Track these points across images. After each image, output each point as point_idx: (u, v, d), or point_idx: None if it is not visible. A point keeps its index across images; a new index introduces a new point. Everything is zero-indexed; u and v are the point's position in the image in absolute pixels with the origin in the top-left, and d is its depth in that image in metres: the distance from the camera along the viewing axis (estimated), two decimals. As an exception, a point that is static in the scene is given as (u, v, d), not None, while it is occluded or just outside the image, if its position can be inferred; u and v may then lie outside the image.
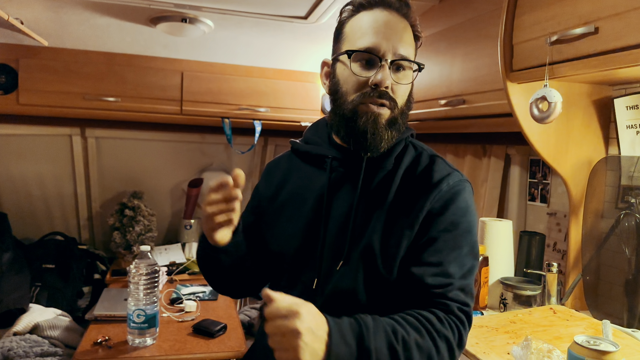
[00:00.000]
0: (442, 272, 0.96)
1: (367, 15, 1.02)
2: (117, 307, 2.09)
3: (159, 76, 2.56)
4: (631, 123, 1.48)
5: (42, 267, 2.62)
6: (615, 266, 1.50)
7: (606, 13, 1.11)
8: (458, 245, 0.99)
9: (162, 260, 2.89)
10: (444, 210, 0.99)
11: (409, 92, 1.05)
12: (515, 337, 1.30)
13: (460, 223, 1.00)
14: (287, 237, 1.10)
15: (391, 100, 1.00)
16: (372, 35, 0.99)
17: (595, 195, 1.58)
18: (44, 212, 3.01)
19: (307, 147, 1.15)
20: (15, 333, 2.06)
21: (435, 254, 0.97)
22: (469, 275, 0.99)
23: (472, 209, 1.03)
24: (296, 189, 1.13)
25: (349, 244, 1.02)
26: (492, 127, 1.91)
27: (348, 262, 1.01)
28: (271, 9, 1.89)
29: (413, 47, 1.04)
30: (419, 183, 1.02)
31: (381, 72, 0.98)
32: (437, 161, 1.06)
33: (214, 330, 1.96)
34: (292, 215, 1.11)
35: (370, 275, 1.00)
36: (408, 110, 1.06)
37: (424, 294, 0.96)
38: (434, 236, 0.98)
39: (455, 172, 1.04)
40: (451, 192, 1.01)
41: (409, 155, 1.08)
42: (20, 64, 2.37)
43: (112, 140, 3.01)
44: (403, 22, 1.02)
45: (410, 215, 0.99)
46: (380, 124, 1.00)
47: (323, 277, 1.04)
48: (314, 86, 2.82)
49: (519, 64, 1.39)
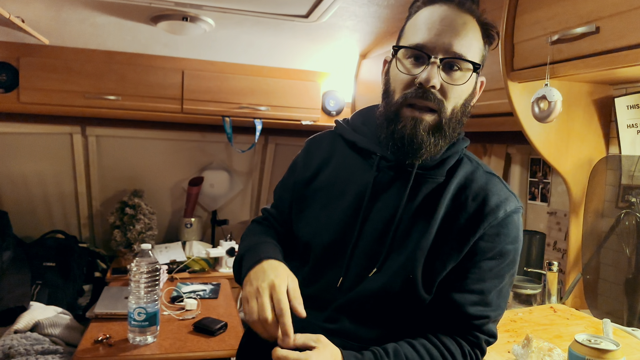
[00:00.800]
0: (483, 301, 0.94)
1: (427, 11, 0.94)
2: (117, 306, 2.10)
3: (160, 75, 2.56)
4: (632, 122, 1.48)
5: (43, 266, 2.63)
6: (616, 265, 1.51)
7: (607, 12, 1.11)
8: (502, 275, 0.95)
9: (163, 258, 2.90)
10: (495, 238, 0.94)
11: (465, 96, 0.95)
12: (516, 335, 1.30)
13: (508, 252, 0.95)
14: (318, 227, 1.04)
15: (437, 102, 0.91)
16: (425, 31, 0.92)
17: (596, 194, 1.58)
18: (44, 211, 3.02)
19: (355, 136, 1.06)
20: (16, 331, 2.07)
21: (478, 282, 0.94)
22: (505, 304, 0.98)
23: (521, 237, 0.98)
24: (335, 178, 1.06)
25: (386, 252, 0.96)
26: (493, 126, 1.91)
27: (380, 271, 0.96)
28: (272, 8, 1.89)
29: (477, 46, 0.94)
30: (473, 204, 0.95)
31: (428, 70, 0.89)
32: (494, 181, 0.98)
33: (215, 328, 1.96)
34: (327, 205, 1.04)
35: (405, 291, 0.95)
36: (462, 116, 0.97)
37: (461, 321, 0.94)
38: (479, 264, 0.94)
39: (512, 197, 0.97)
40: (506, 220, 0.94)
41: (463, 170, 1.00)
42: (21, 62, 2.37)
43: (113, 139, 3.01)
44: (464, 18, 0.93)
45: (460, 238, 0.93)
46: (422, 130, 0.91)
47: (350, 279, 0.99)
48: (315, 85, 2.82)
49: (519, 63, 1.39)
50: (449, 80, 0.91)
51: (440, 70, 0.90)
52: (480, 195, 0.95)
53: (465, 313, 0.93)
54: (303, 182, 1.10)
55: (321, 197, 1.06)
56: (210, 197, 3.36)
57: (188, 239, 3.18)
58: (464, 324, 0.95)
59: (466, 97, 0.95)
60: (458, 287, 0.94)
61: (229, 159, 3.37)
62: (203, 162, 3.32)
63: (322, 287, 1.01)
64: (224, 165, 3.36)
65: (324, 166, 1.09)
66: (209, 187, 3.32)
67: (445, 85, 0.91)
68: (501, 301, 0.97)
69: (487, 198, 0.95)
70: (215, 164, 3.34)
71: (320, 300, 1.00)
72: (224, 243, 2.98)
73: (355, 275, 0.98)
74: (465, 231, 0.94)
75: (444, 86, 0.91)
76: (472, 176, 0.99)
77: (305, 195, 1.09)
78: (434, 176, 0.98)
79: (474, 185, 0.97)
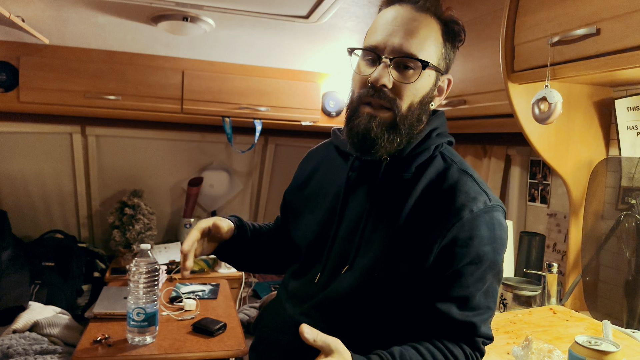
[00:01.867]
0: (469, 306, 0.93)
1: (384, 13, 0.98)
2: (116, 306, 2.09)
3: (160, 75, 2.56)
4: (632, 124, 1.49)
5: (42, 265, 2.63)
6: (615, 267, 1.51)
7: (608, 15, 1.11)
8: (483, 278, 0.94)
9: (162, 258, 2.89)
10: (469, 242, 0.91)
11: (422, 94, 0.96)
12: (516, 337, 1.30)
13: (486, 254, 0.92)
14: (305, 229, 1.11)
15: (389, 100, 0.93)
16: (378, 33, 0.95)
17: (596, 196, 1.58)
18: (43, 210, 3.01)
19: (339, 140, 1.12)
20: (15, 331, 2.06)
21: (461, 288, 0.92)
22: (494, 304, 0.97)
23: (498, 236, 0.94)
24: (322, 182, 1.13)
25: (355, 250, 0.99)
26: (493, 128, 1.92)
27: (352, 268, 0.99)
28: (272, 9, 1.89)
29: (431, 44, 0.95)
30: (440, 203, 0.94)
31: (378, 69, 0.93)
32: (464, 180, 0.96)
33: (214, 329, 1.96)
34: (314, 209, 1.11)
35: (372, 291, 0.96)
36: (421, 113, 0.98)
37: (451, 328, 0.94)
38: (459, 270, 0.92)
39: (482, 196, 0.94)
40: (476, 222, 0.92)
41: (434, 167, 0.99)
42: (21, 61, 2.36)
43: (113, 139, 3.01)
44: (420, 17, 0.94)
45: (424, 238, 0.92)
46: (374, 126, 0.93)
47: (326, 275, 1.03)
48: (315, 85, 2.82)
49: (520, 64, 1.40)
50: (401, 79, 0.94)
51: (392, 70, 0.93)
52: (448, 193, 0.94)
53: (453, 320, 0.93)
54: (295, 189, 1.20)
55: (310, 201, 1.13)
56: (210, 198, 3.36)
57: (187, 239, 3.17)
58: (454, 330, 0.94)
59: (423, 95, 0.97)
60: (441, 295, 0.93)
61: (229, 160, 3.37)
62: (203, 162, 3.31)
63: (304, 282, 1.08)
64: (223, 165, 3.36)
65: (315, 173, 1.17)
66: (208, 188, 3.32)
67: (397, 84, 0.94)
68: (489, 302, 0.96)
69: (454, 197, 0.93)
70: (215, 164, 3.34)
71: (302, 295, 1.07)
72: (224, 243, 2.98)
73: (330, 273, 1.03)
74: (429, 231, 0.92)
75: (396, 85, 0.94)
76: (443, 174, 0.98)
77: (297, 202, 1.18)
78: (401, 172, 0.99)
79: (444, 183, 0.96)
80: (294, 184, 1.22)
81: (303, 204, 1.15)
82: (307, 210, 1.13)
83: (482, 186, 0.97)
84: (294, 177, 1.24)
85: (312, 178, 1.16)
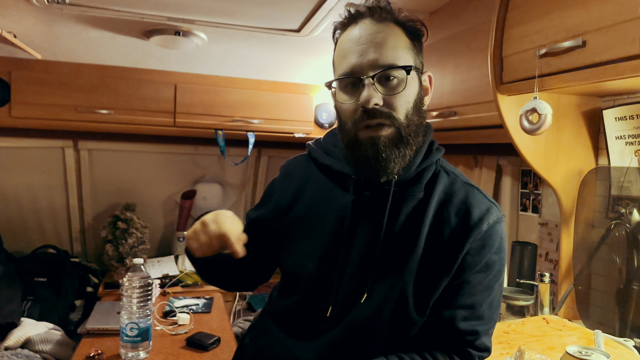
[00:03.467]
0: (474, 315, 0.94)
1: (345, 36, 0.96)
2: (109, 321, 2.08)
3: (152, 88, 2.57)
4: (620, 134, 1.50)
5: (34, 281, 2.60)
6: (607, 275, 1.51)
7: (593, 27, 1.13)
8: (491, 287, 0.95)
9: (155, 272, 2.88)
10: (480, 250, 0.93)
11: (414, 98, 0.94)
12: (509, 347, 1.30)
13: (494, 263, 0.95)
14: (302, 257, 1.02)
15: (387, 117, 0.91)
16: (348, 57, 0.93)
17: (586, 205, 1.59)
18: (36, 225, 2.99)
19: (328, 160, 1.05)
20: (7, 348, 2.04)
21: (468, 296, 0.93)
22: (496, 316, 0.98)
23: (504, 246, 0.98)
24: (313, 204, 1.04)
25: (371, 278, 0.94)
26: (483, 139, 1.93)
27: (370, 296, 0.95)
28: (264, 23, 1.90)
29: (403, 47, 0.94)
30: (456, 219, 0.94)
31: (364, 91, 0.90)
32: (473, 193, 0.98)
33: (208, 343, 1.95)
34: (309, 235, 1.02)
35: (397, 315, 0.94)
36: (419, 117, 0.96)
37: (453, 337, 0.94)
38: (467, 278, 0.93)
39: (493, 207, 0.97)
40: (489, 232, 0.94)
41: (441, 184, 0.99)
42: (13, 76, 2.36)
43: (105, 153, 3.00)
44: (382, 27, 0.93)
45: (448, 255, 0.93)
46: (382, 146, 0.91)
47: (339, 307, 0.97)
48: (307, 98, 2.84)
49: (508, 76, 1.41)
50: (389, 92, 0.91)
51: (377, 86, 0.90)
52: (462, 209, 0.95)
53: (456, 329, 0.93)
54: (280, 211, 1.08)
55: (301, 226, 1.04)
56: (203, 210, 3.33)
57: (181, 252, 3.16)
58: (456, 340, 0.94)
59: (415, 99, 0.95)
60: (448, 303, 0.94)
61: (222, 172, 3.37)
62: (196, 175, 3.31)
63: (312, 317, 1.00)
64: (217, 178, 3.36)
65: (300, 193, 1.07)
66: (202, 200, 3.31)
67: (387, 98, 0.91)
68: (493, 313, 0.97)
69: (470, 212, 0.94)
70: (208, 177, 3.33)
71: (311, 330, 1.00)
72: (217, 256, 2.97)
73: (343, 304, 0.97)
74: (451, 247, 0.93)
75: (386, 99, 0.91)
76: (451, 190, 0.98)
77: (284, 224, 1.07)
78: (412, 193, 0.97)
79: (454, 199, 0.96)
80: (275, 207, 1.10)
81: (291, 228, 1.06)
82: (296, 236, 1.04)
83: (488, 197, 0.99)
84: (273, 198, 1.13)
85: (299, 199, 1.07)
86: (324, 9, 1.72)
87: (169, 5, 1.74)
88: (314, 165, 1.09)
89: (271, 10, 1.76)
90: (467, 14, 1.72)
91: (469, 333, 0.94)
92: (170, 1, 1.69)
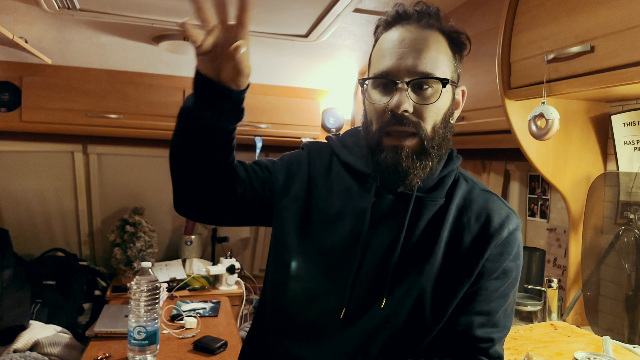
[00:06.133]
0: (490, 322, 0.93)
1: (387, 36, 0.93)
2: (117, 324, 2.09)
3: (161, 93, 2.58)
4: (629, 139, 1.50)
5: (43, 284, 2.62)
6: (615, 282, 1.51)
7: (601, 32, 1.13)
8: (507, 294, 0.95)
9: (163, 276, 2.89)
10: (499, 257, 0.93)
11: (444, 111, 0.92)
12: (517, 353, 1.30)
13: (511, 270, 0.94)
14: (313, 249, 0.99)
15: (414, 125, 0.88)
16: (388, 58, 0.90)
17: (595, 211, 1.59)
18: (45, 229, 3.01)
19: (350, 158, 1.03)
20: (16, 350, 2.05)
21: (485, 303, 0.93)
22: (510, 323, 0.97)
23: (521, 253, 0.97)
24: (331, 197, 1.00)
25: (389, 282, 0.93)
26: (491, 144, 1.93)
27: (388, 300, 0.93)
28: (272, 28, 1.91)
29: (444, 59, 0.92)
30: (477, 225, 0.94)
31: (396, 95, 0.88)
32: (492, 199, 0.98)
33: (215, 347, 1.95)
34: (323, 227, 0.99)
35: (413, 320, 0.93)
36: (445, 131, 0.94)
37: (467, 344, 0.93)
38: (485, 285, 0.93)
39: (512, 214, 0.96)
40: (509, 239, 0.94)
41: (460, 190, 0.98)
42: (24, 81, 2.39)
43: (114, 157, 3.02)
44: (425, 34, 0.91)
45: (468, 261, 0.92)
46: (404, 156, 0.89)
47: (353, 309, 0.95)
48: (315, 103, 2.84)
49: (516, 81, 1.41)
50: (421, 101, 0.89)
51: (410, 93, 0.88)
52: (482, 215, 0.95)
53: (472, 336, 0.92)
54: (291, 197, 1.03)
55: (316, 215, 1.00)
56: (211, 215, 3.35)
57: (188, 256, 3.17)
58: (470, 347, 0.94)
59: (445, 112, 0.93)
60: (464, 309, 0.93)
61: (230, 177, 3.37)
62: (203, 179, 3.31)
63: (322, 316, 0.97)
64: (224, 182, 3.36)
65: (320, 181, 1.03)
66: (209, 205, 3.31)
67: (418, 107, 0.89)
68: (507, 321, 0.96)
69: (490, 218, 0.94)
70: (215, 182, 3.33)
71: (322, 330, 0.97)
72: (224, 260, 2.97)
73: (359, 306, 0.94)
74: (471, 254, 0.92)
75: (417, 108, 0.89)
76: (470, 196, 0.98)
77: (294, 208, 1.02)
78: (434, 199, 0.96)
79: (474, 205, 0.96)
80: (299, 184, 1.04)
81: (304, 212, 1.01)
82: (310, 223, 1.00)
83: (507, 204, 0.99)
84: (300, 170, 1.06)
85: (317, 185, 1.03)
86: (332, 14, 1.73)
87: (178, 11, 1.75)
88: (336, 159, 1.06)
89: (279, 15, 1.77)
90: (475, 19, 1.73)
91: (485, 340, 0.93)
92: (179, 7, 1.70)
